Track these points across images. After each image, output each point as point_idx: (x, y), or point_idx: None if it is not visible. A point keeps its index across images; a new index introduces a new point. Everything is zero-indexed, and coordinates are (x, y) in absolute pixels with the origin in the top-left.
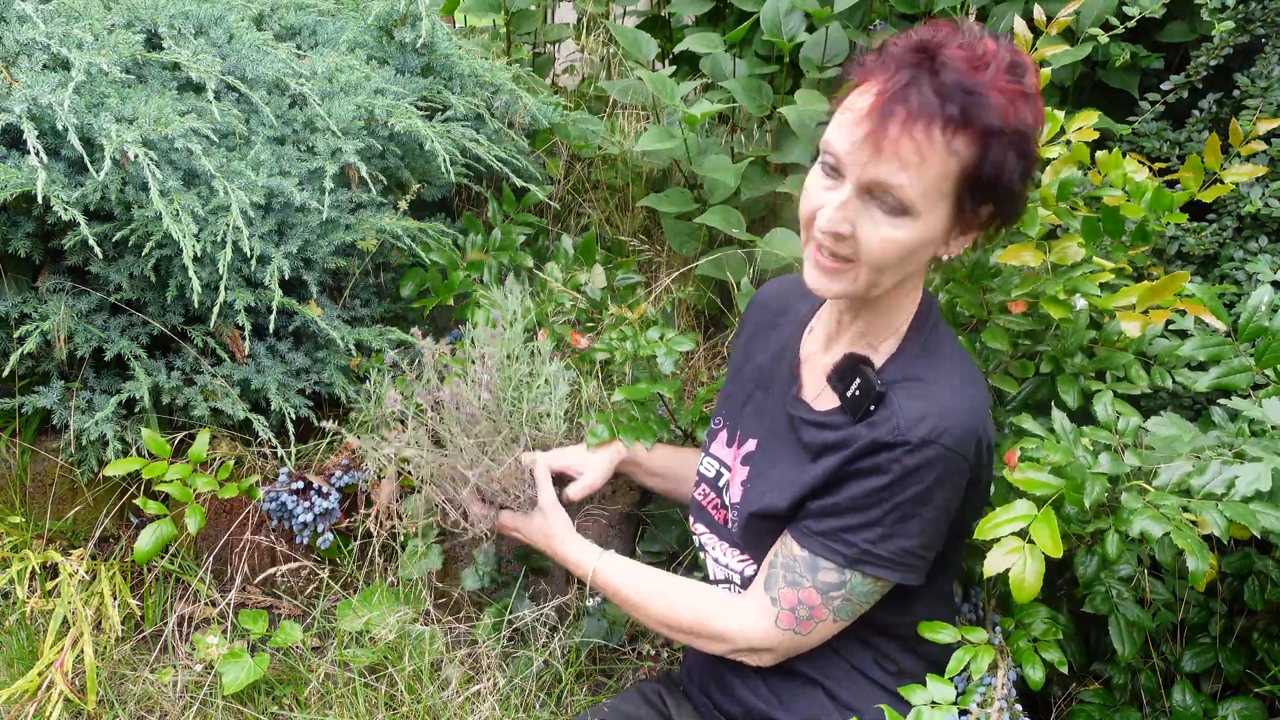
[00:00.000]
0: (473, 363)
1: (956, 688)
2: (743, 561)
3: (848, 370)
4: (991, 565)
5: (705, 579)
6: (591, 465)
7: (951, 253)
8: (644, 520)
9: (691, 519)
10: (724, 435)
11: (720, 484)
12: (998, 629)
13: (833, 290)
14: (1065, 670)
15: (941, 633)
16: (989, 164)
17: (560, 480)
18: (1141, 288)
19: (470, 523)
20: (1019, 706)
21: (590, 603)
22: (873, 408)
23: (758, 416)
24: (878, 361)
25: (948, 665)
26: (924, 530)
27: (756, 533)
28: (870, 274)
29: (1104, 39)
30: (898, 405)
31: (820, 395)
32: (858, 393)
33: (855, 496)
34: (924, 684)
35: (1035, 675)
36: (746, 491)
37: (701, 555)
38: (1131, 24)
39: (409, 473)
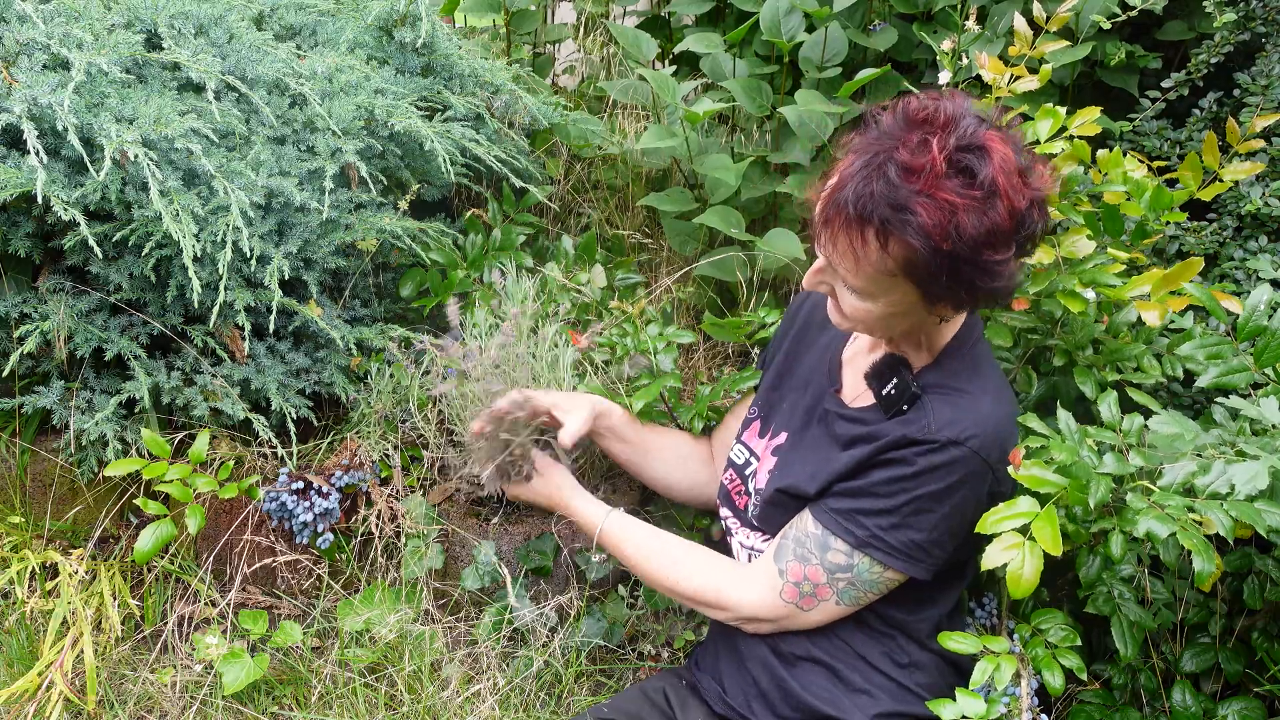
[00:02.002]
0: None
1: (980, 697)
2: (765, 541)
3: (886, 370)
4: (990, 559)
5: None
6: (574, 406)
7: (946, 316)
8: (646, 519)
9: (719, 502)
10: (757, 425)
11: (747, 471)
12: (1014, 636)
13: (843, 327)
14: (1084, 676)
15: (962, 642)
16: (922, 268)
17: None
18: (1155, 275)
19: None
20: (1045, 717)
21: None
22: (905, 407)
23: (792, 412)
24: (915, 367)
25: (964, 666)
26: (936, 527)
27: (778, 509)
28: (861, 326)
29: (1105, 24)
30: (931, 407)
31: (857, 396)
32: (893, 391)
33: (876, 483)
34: (935, 676)
35: (1055, 682)
36: (774, 476)
37: (728, 539)
38: (1133, 13)
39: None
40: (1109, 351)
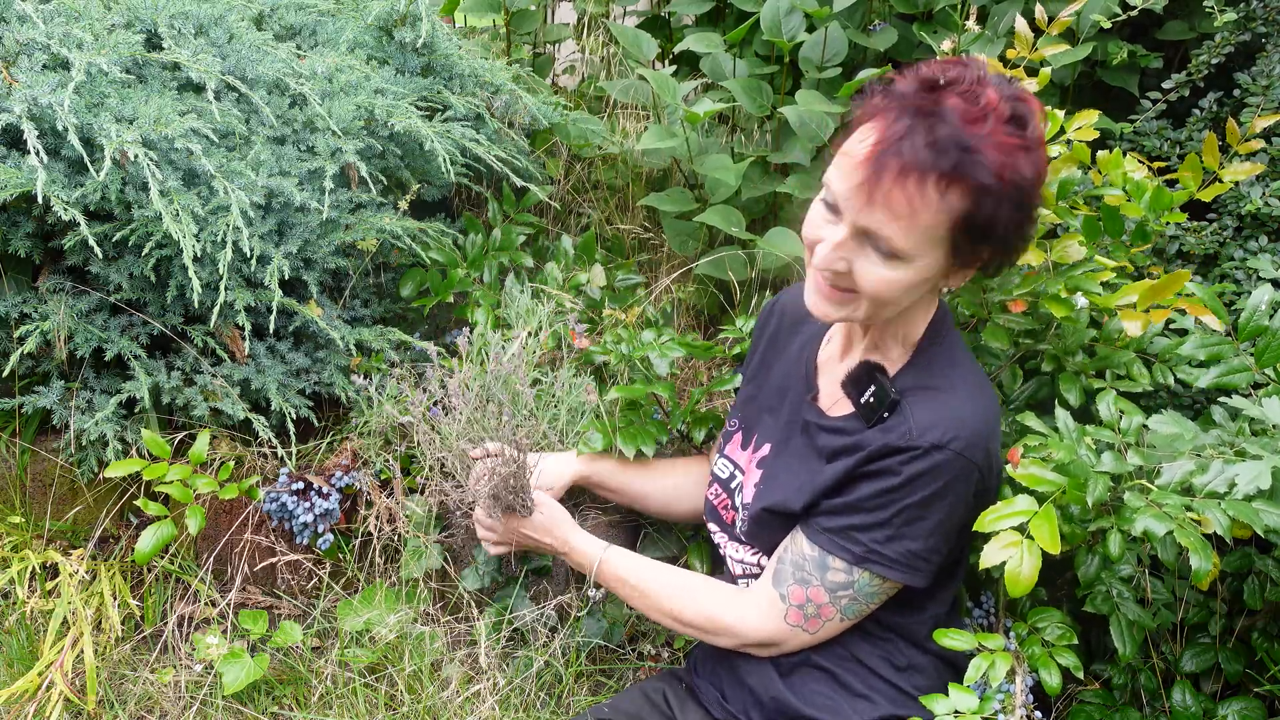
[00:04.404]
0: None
1: (975, 694)
2: (755, 554)
3: (862, 377)
4: (988, 558)
5: (725, 574)
6: (547, 478)
7: (952, 285)
8: (644, 526)
9: (705, 518)
10: (739, 438)
11: (732, 485)
12: (1011, 634)
13: (833, 317)
14: (1081, 674)
15: (958, 640)
16: (981, 216)
17: None
18: (1142, 286)
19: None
20: (1039, 714)
21: (594, 594)
22: (886, 414)
23: (774, 422)
24: (891, 369)
25: (963, 668)
26: (931, 533)
27: (766, 527)
28: (871, 306)
29: (1105, 23)
30: (910, 412)
31: (835, 403)
32: (872, 399)
33: (865, 497)
34: (933, 678)
35: (1052, 680)
36: (760, 492)
37: (720, 553)
38: (1134, 13)
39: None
40: (1101, 357)
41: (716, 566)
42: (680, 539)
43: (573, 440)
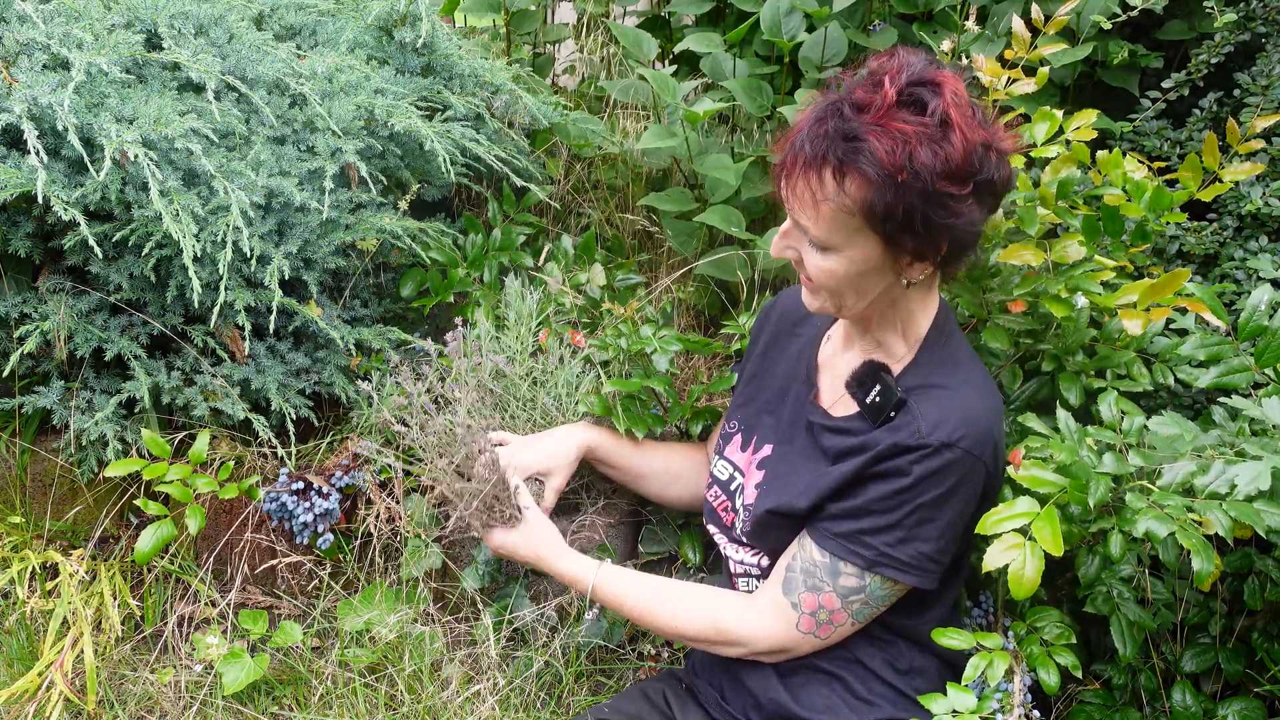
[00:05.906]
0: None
1: (973, 693)
2: (756, 554)
3: (867, 377)
4: (990, 560)
5: (724, 573)
6: (557, 464)
7: (912, 277)
8: (645, 520)
9: (705, 519)
10: (739, 440)
11: (732, 487)
12: (1009, 633)
13: (812, 306)
14: (1079, 674)
15: (956, 638)
16: (881, 206)
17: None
18: (1142, 285)
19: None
20: (1037, 713)
21: (591, 613)
22: (893, 414)
23: (775, 422)
24: (895, 368)
25: (964, 670)
26: (942, 534)
27: (770, 528)
28: (830, 296)
29: (1105, 24)
30: (918, 410)
31: (838, 402)
32: (878, 399)
33: (875, 499)
34: (935, 680)
35: (1050, 680)
36: (763, 492)
37: (722, 552)
38: (1134, 13)
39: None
40: (1101, 357)
41: (716, 563)
42: (674, 530)
43: (573, 413)
